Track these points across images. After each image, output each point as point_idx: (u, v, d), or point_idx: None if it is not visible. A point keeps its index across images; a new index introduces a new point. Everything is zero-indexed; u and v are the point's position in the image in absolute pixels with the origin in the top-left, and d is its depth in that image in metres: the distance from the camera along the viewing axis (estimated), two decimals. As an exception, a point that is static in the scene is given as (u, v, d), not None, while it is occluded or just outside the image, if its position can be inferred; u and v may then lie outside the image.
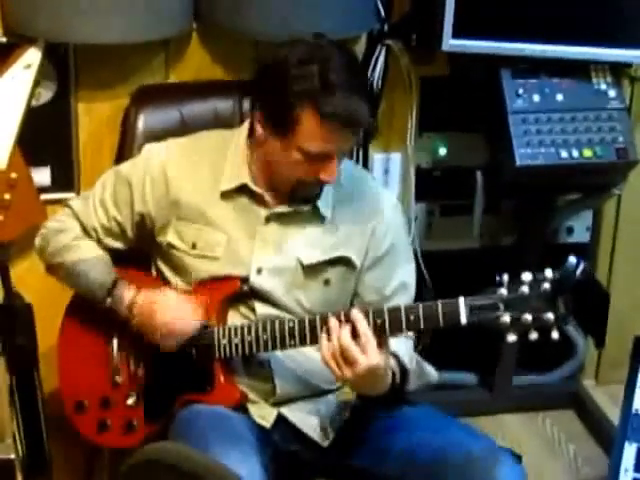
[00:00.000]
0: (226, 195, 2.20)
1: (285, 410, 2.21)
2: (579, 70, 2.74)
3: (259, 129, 2.13)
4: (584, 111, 2.72)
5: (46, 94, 2.59)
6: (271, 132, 2.11)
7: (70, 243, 2.27)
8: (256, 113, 2.14)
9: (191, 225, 2.21)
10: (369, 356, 1.97)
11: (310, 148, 2.07)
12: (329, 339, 2.00)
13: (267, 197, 2.19)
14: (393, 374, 2.10)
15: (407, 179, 2.90)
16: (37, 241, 2.34)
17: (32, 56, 2.49)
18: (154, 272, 2.31)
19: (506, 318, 1.96)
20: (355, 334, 1.98)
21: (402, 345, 2.19)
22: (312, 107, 2.03)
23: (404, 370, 2.15)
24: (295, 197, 2.18)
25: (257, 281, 2.18)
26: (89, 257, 2.26)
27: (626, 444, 2.42)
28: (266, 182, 2.19)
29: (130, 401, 2.23)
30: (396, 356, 2.14)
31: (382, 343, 2.01)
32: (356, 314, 2.01)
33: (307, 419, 2.22)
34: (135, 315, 2.19)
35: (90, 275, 2.24)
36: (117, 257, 2.30)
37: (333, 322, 2.01)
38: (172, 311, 2.16)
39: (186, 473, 1.44)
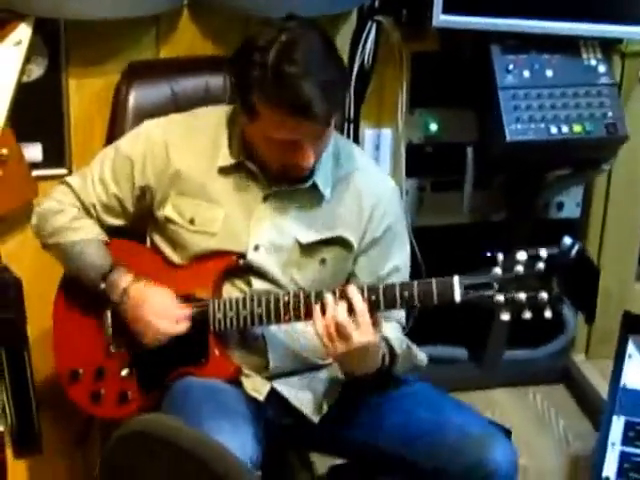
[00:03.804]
0: (224, 171, 2.19)
1: (278, 384, 2.22)
2: (569, 46, 2.74)
3: (238, 112, 2.13)
4: (574, 87, 2.72)
5: (37, 70, 2.57)
6: (243, 117, 2.11)
7: (68, 224, 2.26)
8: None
9: (190, 200, 2.20)
10: (363, 332, 1.99)
11: (273, 135, 2.05)
12: (324, 314, 2.01)
13: (263, 175, 2.17)
14: (383, 355, 2.12)
15: (398, 155, 2.90)
16: (34, 220, 2.32)
17: (22, 32, 2.48)
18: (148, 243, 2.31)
19: (500, 297, 1.97)
20: (351, 310, 2.00)
21: (391, 328, 2.20)
22: (263, 96, 2.01)
23: (393, 352, 2.16)
24: (285, 178, 2.15)
25: (254, 258, 2.18)
26: (86, 239, 2.26)
27: (614, 418, 2.43)
28: (258, 161, 2.17)
29: (124, 372, 2.23)
30: (385, 338, 2.15)
31: (375, 321, 2.03)
32: (352, 290, 2.01)
33: (300, 394, 2.22)
34: (126, 302, 2.18)
35: (87, 258, 2.24)
36: (113, 231, 2.30)
37: (329, 298, 2.02)
38: (159, 311, 2.15)
39: (175, 445, 1.45)
